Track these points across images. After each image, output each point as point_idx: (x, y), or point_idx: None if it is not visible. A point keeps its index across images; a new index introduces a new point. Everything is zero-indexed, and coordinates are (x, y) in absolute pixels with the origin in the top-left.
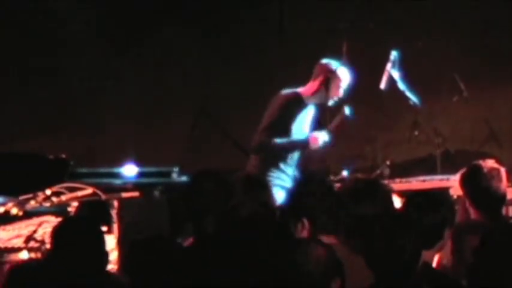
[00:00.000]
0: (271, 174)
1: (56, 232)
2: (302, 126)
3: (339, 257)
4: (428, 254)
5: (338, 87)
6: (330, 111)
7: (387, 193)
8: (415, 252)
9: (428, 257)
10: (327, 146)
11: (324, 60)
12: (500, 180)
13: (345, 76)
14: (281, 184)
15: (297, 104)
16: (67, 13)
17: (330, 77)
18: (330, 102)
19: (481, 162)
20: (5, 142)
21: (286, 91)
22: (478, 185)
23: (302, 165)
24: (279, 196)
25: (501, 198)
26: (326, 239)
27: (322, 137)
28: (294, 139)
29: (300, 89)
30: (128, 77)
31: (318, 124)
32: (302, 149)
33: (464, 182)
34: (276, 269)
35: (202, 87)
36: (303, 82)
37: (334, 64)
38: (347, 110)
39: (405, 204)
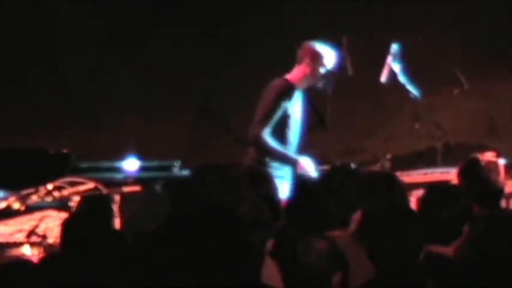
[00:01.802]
0: (270, 165)
1: (66, 228)
2: (295, 113)
3: (346, 249)
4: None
5: (324, 67)
6: (332, 101)
7: (402, 187)
8: (417, 246)
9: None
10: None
11: (306, 43)
12: (498, 173)
13: (329, 55)
14: (281, 175)
15: (290, 92)
16: (67, 11)
17: (315, 58)
18: (319, 84)
19: (478, 155)
20: (7, 138)
21: (277, 81)
22: (476, 178)
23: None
24: (280, 188)
25: (499, 191)
26: (335, 232)
27: (308, 168)
28: (285, 154)
29: (288, 76)
30: (129, 71)
31: (312, 108)
32: (288, 165)
33: (462, 176)
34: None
35: (203, 83)
36: None
37: (317, 45)
38: None
39: (423, 199)
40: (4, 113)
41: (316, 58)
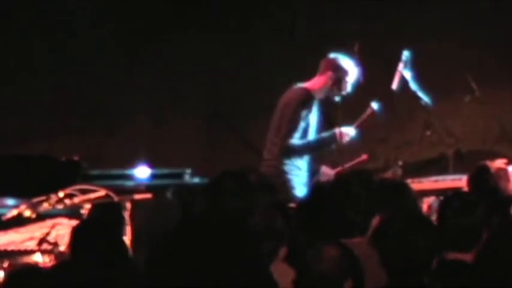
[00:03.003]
0: (291, 172)
1: (77, 235)
2: (312, 121)
3: (364, 256)
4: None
5: (346, 82)
6: (343, 108)
7: (413, 194)
8: (430, 253)
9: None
10: (353, 141)
11: (332, 55)
12: (507, 180)
13: (352, 71)
14: (300, 181)
15: (311, 102)
16: (79, 16)
17: (337, 72)
18: (337, 98)
19: (488, 162)
20: (17, 144)
21: (297, 91)
22: (486, 185)
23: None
24: (301, 192)
25: (509, 198)
26: (355, 239)
27: (349, 133)
28: (321, 137)
29: (307, 85)
30: (140, 79)
31: (326, 119)
32: (329, 146)
33: (472, 183)
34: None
35: (214, 89)
36: None
37: (341, 59)
38: (375, 106)
39: (441, 206)
40: (13, 119)
41: (339, 72)
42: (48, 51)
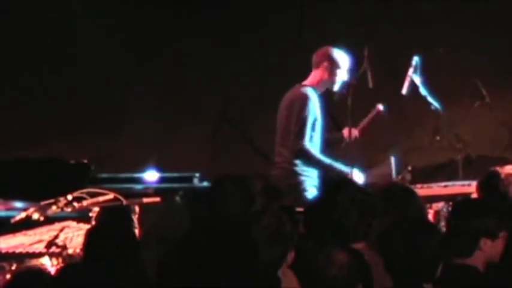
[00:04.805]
0: (303, 174)
1: (90, 238)
2: (318, 116)
3: (368, 261)
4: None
5: (340, 70)
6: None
7: (419, 201)
8: (434, 258)
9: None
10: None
11: (322, 48)
12: None
13: (344, 58)
14: (312, 183)
15: (314, 98)
16: (88, 20)
17: (330, 62)
18: (336, 87)
19: (498, 168)
20: (26, 147)
21: (298, 90)
22: (495, 191)
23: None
24: (312, 195)
25: None
26: (357, 244)
27: (360, 178)
28: (334, 165)
29: (306, 82)
30: (148, 82)
31: (328, 115)
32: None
33: (481, 188)
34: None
35: (222, 92)
36: None
37: (331, 49)
38: (381, 107)
39: (452, 211)
40: (22, 122)
41: (333, 62)
42: (57, 56)
